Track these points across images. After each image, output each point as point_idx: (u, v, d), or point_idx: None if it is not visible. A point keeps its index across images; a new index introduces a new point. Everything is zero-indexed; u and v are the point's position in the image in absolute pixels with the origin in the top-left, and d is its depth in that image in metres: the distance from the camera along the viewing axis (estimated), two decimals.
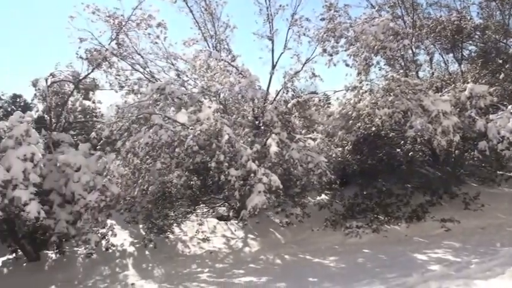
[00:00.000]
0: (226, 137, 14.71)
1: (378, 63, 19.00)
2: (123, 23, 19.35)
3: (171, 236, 18.28)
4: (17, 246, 17.12)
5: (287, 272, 13.76)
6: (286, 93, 19.22)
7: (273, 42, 19.23)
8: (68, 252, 17.24)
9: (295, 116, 19.15)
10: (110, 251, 16.07)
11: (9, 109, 18.08)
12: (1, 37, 61.69)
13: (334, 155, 18.84)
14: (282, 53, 19.24)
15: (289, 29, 19.13)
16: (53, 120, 19.58)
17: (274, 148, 15.41)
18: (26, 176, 13.80)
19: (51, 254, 17.33)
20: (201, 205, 19.82)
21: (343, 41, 18.18)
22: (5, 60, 60.35)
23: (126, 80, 20.39)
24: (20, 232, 16.25)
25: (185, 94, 17.18)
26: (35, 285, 15.36)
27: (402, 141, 18.42)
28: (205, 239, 17.87)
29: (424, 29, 21.10)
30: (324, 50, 18.29)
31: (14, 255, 17.45)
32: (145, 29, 19.92)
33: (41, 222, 14.12)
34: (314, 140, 17.06)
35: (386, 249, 14.74)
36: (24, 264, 17.14)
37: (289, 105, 18.79)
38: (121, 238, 18.00)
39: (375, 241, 15.96)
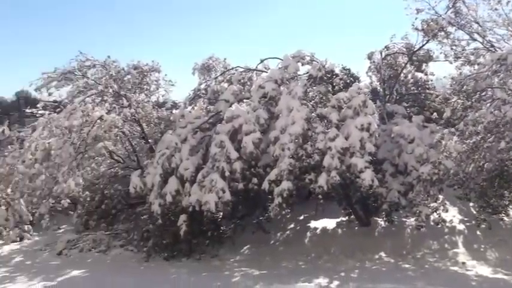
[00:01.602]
0: None
1: None
2: None
3: (505, 218, 16.88)
4: (350, 210, 18.38)
5: None
6: None
7: None
8: (396, 221, 17.64)
9: None
10: (440, 226, 15.82)
11: (347, 81, 19.09)
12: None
13: None
14: None
15: None
16: (386, 92, 20.11)
17: None
18: (362, 144, 14.38)
19: (381, 222, 18.03)
20: None
21: None
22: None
23: (462, 50, 19.45)
24: (353, 197, 17.43)
25: None
26: (366, 248, 16.32)
27: None
28: None
29: None
30: None
31: (347, 218, 18.82)
32: None
33: (374, 189, 14.67)
34: None
35: None
36: (356, 228, 18.30)
37: None
38: (450, 214, 17.53)
39: None
